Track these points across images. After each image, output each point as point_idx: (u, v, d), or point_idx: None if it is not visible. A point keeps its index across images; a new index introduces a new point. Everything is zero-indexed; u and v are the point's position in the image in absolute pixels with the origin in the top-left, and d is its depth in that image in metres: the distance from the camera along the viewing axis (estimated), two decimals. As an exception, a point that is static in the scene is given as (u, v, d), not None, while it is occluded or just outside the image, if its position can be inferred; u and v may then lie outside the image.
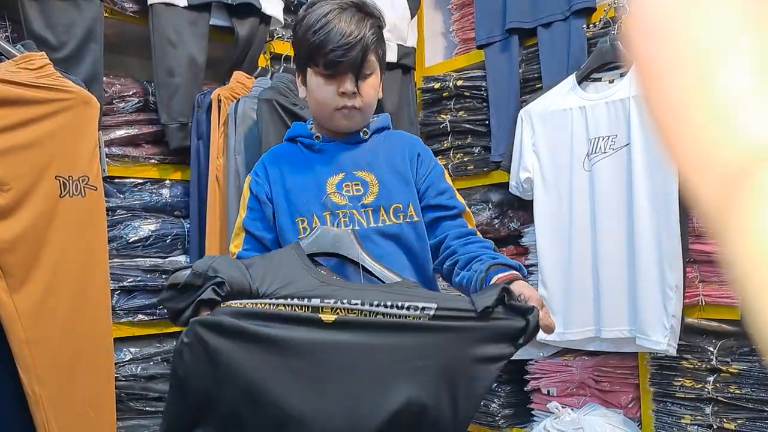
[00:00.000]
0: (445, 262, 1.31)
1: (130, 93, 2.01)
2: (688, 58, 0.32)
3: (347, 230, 1.23)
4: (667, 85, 0.33)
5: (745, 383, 1.76)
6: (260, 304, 1.04)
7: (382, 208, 1.31)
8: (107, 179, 1.88)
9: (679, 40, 0.32)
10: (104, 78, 1.91)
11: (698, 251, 1.86)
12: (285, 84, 1.95)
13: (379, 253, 1.26)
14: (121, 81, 2.01)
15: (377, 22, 1.32)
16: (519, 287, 1.11)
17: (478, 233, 1.36)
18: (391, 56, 2.49)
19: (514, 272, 1.18)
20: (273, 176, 1.35)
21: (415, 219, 1.32)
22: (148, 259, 1.97)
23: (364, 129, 1.36)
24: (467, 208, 1.37)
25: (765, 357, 0.28)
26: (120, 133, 1.98)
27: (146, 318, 1.96)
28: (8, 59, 1.61)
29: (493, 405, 2.29)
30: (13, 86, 1.54)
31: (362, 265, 1.19)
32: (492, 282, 1.15)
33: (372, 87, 1.32)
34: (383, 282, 1.18)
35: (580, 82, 2.03)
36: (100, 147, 1.72)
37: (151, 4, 1.97)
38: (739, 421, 1.77)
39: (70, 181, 1.63)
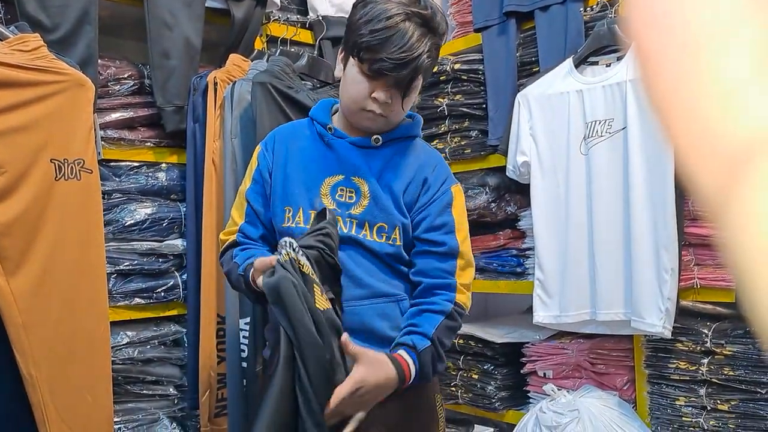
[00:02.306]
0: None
1: (126, 75, 2.00)
2: (688, 42, 0.31)
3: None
4: (667, 70, 0.32)
5: (739, 365, 1.78)
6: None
7: (366, 224, 1.27)
8: (103, 162, 1.87)
9: (679, 25, 0.32)
10: (99, 60, 1.90)
11: (694, 235, 1.86)
12: (280, 67, 1.94)
13: (353, 255, 1.27)
14: (116, 63, 2.00)
15: (438, 41, 1.24)
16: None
17: (464, 286, 1.30)
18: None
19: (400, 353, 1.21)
20: (278, 155, 1.35)
21: (398, 243, 1.28)
22: (144, 243, 1.97)
23: (377, 137, 1.29)
24: (462, 249, 1.29)
25: (762, 339, 0.28)
26: (115, 116, 1.97)
27: (143, 302, 1.96)
28: (2, 41, 1.59)
29: (490, 387, 2.30)
30: (7, 68, 1.53)
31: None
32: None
33: (408, 103, 1.28)
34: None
35: (577, 66, 2.03)
36: (95, 130, 1.71)
37: (146, -14, 1.95)
38: (732, 403, 1.79)
39: (66, 165, 1.63)
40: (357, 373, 1.13)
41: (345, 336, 1.13)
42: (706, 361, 1.84)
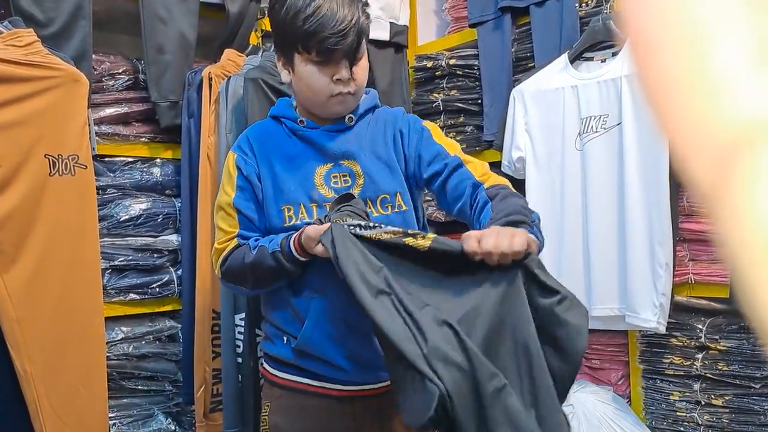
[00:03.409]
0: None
1: (120, 71, 1.99)
2: (682, 35, 0.31)
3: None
4: (661, 62, 0.32)
5: (733, 360, 1.78)
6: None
7: (369, 200, 1.28)
8: (97, 158, 1.87)
9: (674, 17, 0.32)
10: (93, 55, 1.89)
11: (688, 230, 1.87)
12: (273, 63, 1.93)
13: None
14: (110, 58, 1.99)
15: (364, 2, 1.25)
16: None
17: (485, 175, 1.28)
18: (384, 34, 2.48)
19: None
20: (260, 156, 1.31)
21: (404, 208, 1.29)
22: (139, 238, 1.96)
23: (350, 116, 1.31)
24: (463, 155, 1.30)
25: (758, 333, 0.28)
26: (110, 111, 1.96)
27: (138, 297, 1.95)
28: (-5, 36, 1.59)
29: (485, 383, 2.30)
30: (1, 63, 1.52)
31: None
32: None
33: (364, 69, 1.28)
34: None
35: (572, 61, 2.03)
36: (89, 125, 1.70)
37: (140, -19, 1.94)
38: (726, 398, 1.79)
39: (60, 160, 1.62)
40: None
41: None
42: (700, 356, 1.84)
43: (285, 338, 1.30)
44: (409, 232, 1.11)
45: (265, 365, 1.37)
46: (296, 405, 1.30)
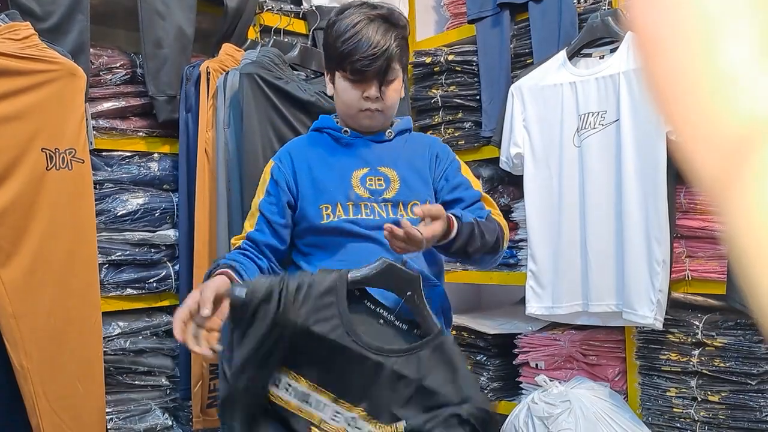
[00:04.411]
0: None
1: (118, 65, 1.98)
2: (691, 31, 0.31)
3: (414, 273, 1.23)
4: (669, 59, 0.32)
5: (730, 357, 1.79)
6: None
7: (401, 204, 1.40)
8: (95, 152, 1.86)
9: (682, 14, 0.32)
10: (91, 49, 1.88)
11: (685, 227, 1.87)
12: (270, 58, 1.93)
13: None
14: (108, 52, 1.98)
15: (402, 32, 1.41)
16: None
17: (495, 213, 1.46)
18: (382, 30, 2.47)
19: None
20: (299, 165, 1.43)
21: None
22: (136, 233, 1.96)
23: (389, 130, 1.46)
24: (483, 194, 1.48)
25: (762, 327, 0.28)
26: (107, 105, 1.95)
27: (135, 292, 1.95)
28: (-8, 29, 1.58)
29: (482, 378, 2.31)
30: (-2, 56, 1.51)
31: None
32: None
33: (394, 91, 1.42)
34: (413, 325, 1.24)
35: (570, 58, 2.03)
36: (87, 119, 1.70)
37: (138, -26, 1.94)
38: (723, 394, 1.80)
39: (57, 154, 1.62)
40: None
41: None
42: (697, 352, 1.85)
43: None
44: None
45: None
46: None
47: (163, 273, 2.00)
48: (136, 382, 1.96)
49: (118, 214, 1.92)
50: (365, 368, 1.15)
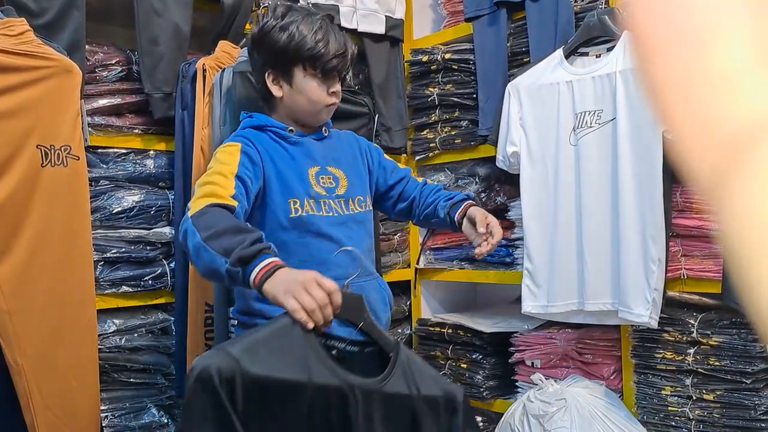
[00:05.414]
0: (417, 215, 1.66)
1: (113, 62, 1.98)
2: (686, 30, 0.31)
3: (359, 295, 1.22)
4: (666, 58, 0.32)
5: (725, 355, 1.79)
6: None
7: (350, 199, 1.50)
8: (90, 149, 1.86)
9: (677, 12, 0.32)
10: (86, 46, 1.88)
11: (681, 226, 1.87)
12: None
13: (353, 236, 1.46)
14: (103, 49, 1.98)
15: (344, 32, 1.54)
16: (474, 212, 1.51)
17: (422, 179, 1.72)
18: (379, 28, 2.47)
19: (468, 202, 1.57)
20: (263, 154, 1.42)
21: (369, 208, 1.56)
22: (132, 231, 1.95)
23: (326, 128, 1.55)
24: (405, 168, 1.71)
25: (757, 325, 0.28)
26: (103, 102, 1.95)
27: (130, 290, 1.95)
28: (-13, 25, 1.57)
29: (478, 377, 2.31)
30: (-7, 53, 1.51)
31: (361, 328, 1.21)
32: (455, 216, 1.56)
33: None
34: (376, 340, 1.22)
35: (567, 57, 2.03)
36: (82, 116, 1.69)
37: (134, -29, 1.93)
38: (717, 393, 1.80)
39: (52, 151, 1.61)
40: None
41: None
42: (692, 351, 1.85)
43: None
44: None
45: None
46: None
47: (159, 270, 2.00)
48: (131, 380, 1.95)
49: (114, 211, 1.92)
50: (366, 403, 1.10)
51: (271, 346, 1.04)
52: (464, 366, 2.37)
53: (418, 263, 2.58)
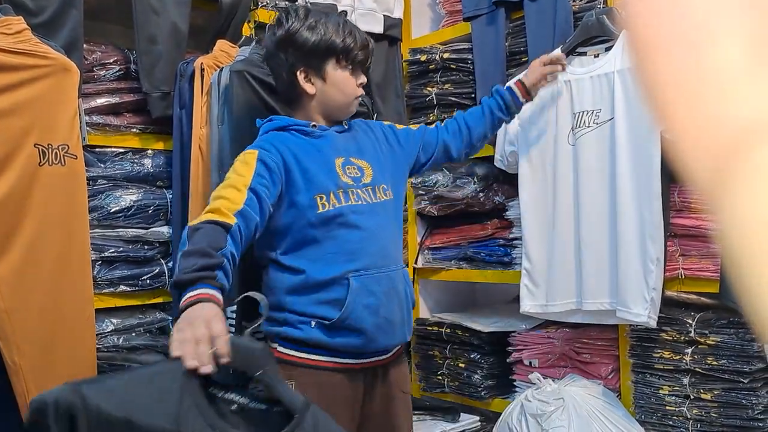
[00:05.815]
0: (465, 143, 1.78)
1: (111, 61, 1.97)
2: (686, 31, 0.31)
3: (260, 344, 1.07)
4: (665, 58, 0.32)
5: (722, 355, 1.80)
6: None
7: (376, 188, 1.52)
8: (88, 148, 1.85)
9: (677, 13, 0.32)
10: (84, 45, 1.87)
11: (679, 225, 1.87)
12: (261, 55, 1.92)
13: (382, 224, 1.49)
14: (101, 48, 1.97)
15: None
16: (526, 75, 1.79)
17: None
18: (378, 27, 2.47)
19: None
20: (286, 155, 1.44)
21: (391, 197, 1.56)
22: (129, 230, 1.95)
23: (346, 120, 1.58)
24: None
25: (755, 324, 0.28)
26: (101, 101, 1.95)
27: (128, 289, 1.95)
28: (-16, 24, 1.57)
29: (476, 376, 2.31)
30: (-10, 51, 1.50)
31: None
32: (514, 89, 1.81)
33: None
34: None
35: (565, 56, 2.02)
36: (80, 115, 1.69)
37: (132, -30, 1.93)
38: (715, 392, 1.80)
39: (50, 150, 1.61)
40: None
41: None
42: (690, 350, 1.85)
43: (313, 322, 1.42)
44: None
45: (280, 348, 1.44)
46: (311, 382, 1.39)
47: (157, 270, 2.00)
48: (129, 379, 1.95)
49: (112, 210, 1.91)
50: None
51: (148, 387, 0.95)
52: (462, 365, 2.37)
53: (416, 263, 2.58)
